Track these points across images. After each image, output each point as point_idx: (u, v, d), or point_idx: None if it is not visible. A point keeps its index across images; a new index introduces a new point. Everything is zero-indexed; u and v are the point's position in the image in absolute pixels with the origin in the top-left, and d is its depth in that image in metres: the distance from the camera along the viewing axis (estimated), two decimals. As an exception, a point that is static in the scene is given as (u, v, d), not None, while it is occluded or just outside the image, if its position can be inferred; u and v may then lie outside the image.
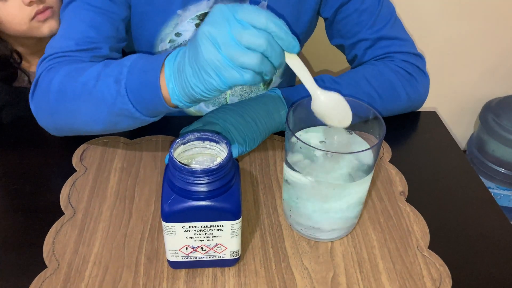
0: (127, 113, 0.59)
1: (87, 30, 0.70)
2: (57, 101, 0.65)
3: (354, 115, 0.57)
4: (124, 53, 0.95)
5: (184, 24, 0.80)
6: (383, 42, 0.82)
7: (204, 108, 0.91)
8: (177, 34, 0.81)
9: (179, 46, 0.82)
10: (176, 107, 0.57)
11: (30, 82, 0.90)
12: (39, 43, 0.86)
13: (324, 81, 0.77)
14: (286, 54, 0.51)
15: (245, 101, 0.73)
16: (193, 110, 0.91)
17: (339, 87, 0.76)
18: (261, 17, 0.47)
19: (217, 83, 0.49)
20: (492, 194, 0.71)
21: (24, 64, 0.90)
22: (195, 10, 0.78)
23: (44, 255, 0.58)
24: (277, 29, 0.47)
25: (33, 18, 0.79)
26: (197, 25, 0.80)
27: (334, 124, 0.57)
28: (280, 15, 0.79)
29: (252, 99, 0.73)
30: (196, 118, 0.74)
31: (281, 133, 0.77)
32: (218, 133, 0.56)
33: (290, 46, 0.49)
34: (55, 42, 0.71)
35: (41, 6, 0.79)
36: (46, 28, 0.81)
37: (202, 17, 0.79)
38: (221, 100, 0.89)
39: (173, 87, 0.54)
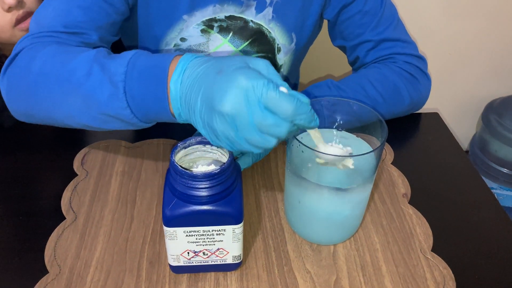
0: (122, 117, 0.54)
1: (78, 13, 0.64)
2: (36, 84, 0.57)
3: (358, 119, 0.56)
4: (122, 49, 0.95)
5: (189, 30, 0.79)
6: (386, 44, 0.82)
7: None
8: (182, 39, 0.80)
9: (183, 50, 0.82)
10: None
11: None
12: None
13: (330, 87, 0.76)
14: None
15: None
16: None
17: (344, 93, 0.75)
18: (288, 109, 0.43)
19: (226, 147, 0.48)
20: (495, 194, 0.70)
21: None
22: (200, 16, 0.78)
23: (46, 260, 0.58)
24: (302, 119, 0.45)
25: (15, 25, 0.77)
26: (203, 31, 0.80)
27: (339, 167, 0.56)
28: (285, 20, 0.80)
29: None
30: None
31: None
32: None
33: (311, 126, 0.47)
34: (42, 19, 0.64)
35: (20, 11, 0.76)
36: None
37: (208, 23, 0.79)
38: None
39: (180, 113, 0.51)
